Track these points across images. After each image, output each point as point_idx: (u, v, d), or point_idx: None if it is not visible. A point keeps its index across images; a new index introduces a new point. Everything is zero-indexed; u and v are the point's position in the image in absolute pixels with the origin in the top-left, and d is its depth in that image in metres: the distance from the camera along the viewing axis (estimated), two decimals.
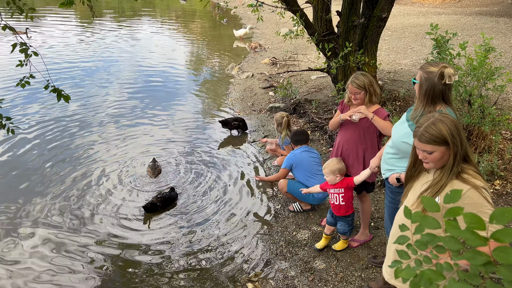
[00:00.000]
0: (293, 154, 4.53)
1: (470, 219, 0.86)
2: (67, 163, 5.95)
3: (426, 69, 2.57)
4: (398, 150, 2.77)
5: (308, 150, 4.53)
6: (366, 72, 3.59)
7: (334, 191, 3.73)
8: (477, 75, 4.70)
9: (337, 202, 3.72)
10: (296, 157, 4.48)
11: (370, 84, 3.47)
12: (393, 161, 2.84)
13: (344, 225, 3.80)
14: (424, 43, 10.94)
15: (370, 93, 3.49)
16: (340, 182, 3.68)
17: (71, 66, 11.12)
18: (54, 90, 3.43)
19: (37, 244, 4.28)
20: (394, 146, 2.80)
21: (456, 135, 2.03)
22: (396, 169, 2.82)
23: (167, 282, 3.74)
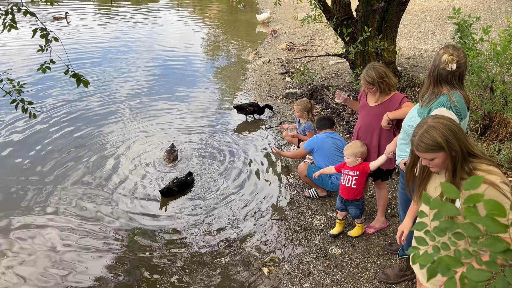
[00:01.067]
0: (316, 137, 4.52)
1: (490, 205, 0.85)
2: (86, 147, 6.06)
3: (438, 51, 2.61)
4: (407, 135, 2.77)
5: (332, 136, 4.49)
6: (378, 64, 3.50)
7: (348, 173, 3.73)
8: (500, 60, 4.56)
9: (348, 184, 3.73)
10: (319, 141, 4.46)
11: (380, 79, 3.41)
12: (403, 146, 2.86)
13: (354, 209, 3.82)
14: (445, 27, 10.65)
15: (380, 89, 3.46)
16: (357, 166, 3.68)
17: (89, 52, 11.23)
18: (73, 75, 3.48)
19: (54, 224, 4.41)
20: (403, 130, 2.83)
21: (452, 138, 1.95)
22: (406, 154, 2.79)
23: (182, 266, 3.81)
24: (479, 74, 4.59)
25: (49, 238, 4.22)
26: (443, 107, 2.51)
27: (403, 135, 2.84)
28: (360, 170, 3.67)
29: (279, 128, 6.54)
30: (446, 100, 2.53)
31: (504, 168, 4.44)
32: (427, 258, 1.00)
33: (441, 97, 2.57)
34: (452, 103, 2.52)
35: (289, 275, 3.61)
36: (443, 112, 2.46)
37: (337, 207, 3.95)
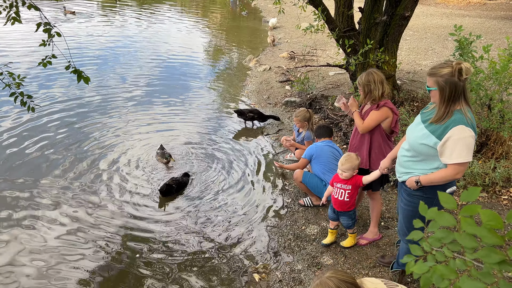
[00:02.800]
0: (315, 145, 4.53)
1: (487, 216, 0.86)
2: (84, 145, 6.04)
3: (441, 73, 2.50)
4: (416, 153, 2.71)
5: (331, 145, 4.51)
6: (376, 70, 3.54)
7: (341, 186, 3.70)
8: (499, 79, 4.61)
9: (341, 197, 3.70)
10: (318, 148, 4.47)
11: (367, 82, 3.47)
12: (410, 163, 2.79)
13: (346, 219, 3.81)
14: (445, 45, 10.76)
15: (365, 92, 3.52)
16: (350, 179, 3.66)
17: (92, 50, 11.24)
18: (74, 71, 3.48)
19: (52, 223, 4.38)
20: (412, 148, 2.74)
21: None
22: (415, 171, 2.76)
23: (175, 269, 3.79)
24: (477, 91, 4.63)
25: (37, 236, 4.19)
26: (461, 124, 2.45)
27: (412, 152, 2.75)
28: (353, 183, 3.65)
29: (277, 135, 6.55)
30: (462, 117, 2.49)
31: (498, 186, 4.47)
32: (422, 267, 1.00)
33: (456, 114, 2.50)
34: (468, 119, 2.49)
35: (280, 282, 3.59)
36: (462, 130, 2.44)
37: (329, 217, 3.93)
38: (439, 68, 2.53)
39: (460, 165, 2.51)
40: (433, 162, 2.66)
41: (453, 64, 2.48)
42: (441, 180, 2.62)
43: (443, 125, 2.52)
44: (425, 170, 2.70)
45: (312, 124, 5.27)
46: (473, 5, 18.30)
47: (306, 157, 4.53)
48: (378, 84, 3.45)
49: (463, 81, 2.48)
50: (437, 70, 2.53)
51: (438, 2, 19.59)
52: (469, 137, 2.45)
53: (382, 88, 3.47)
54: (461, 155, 2.47)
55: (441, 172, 2.61)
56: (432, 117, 2.63)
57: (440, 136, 2.52)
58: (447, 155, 2.51)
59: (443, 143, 2.51)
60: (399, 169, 2.91)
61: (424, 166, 2.71)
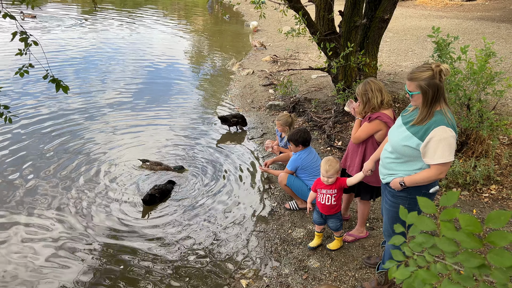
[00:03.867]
0: (300, 158, 4.50)
1: (466, 221, 0.86)
2: (66, 154, 5.94)
3: (422, 76, 2.52)
4: (399, 154, 2.73)
5: (310, 153, 4.53)
6: (373, 80, 3.54)
7: (327, 192, 3.69)
8: (477, 79, 4.70)
9: (328, 202, 3.69)
10: (302, 161, 4.48)
11: (364, 92, 3.46)
12: (394, 165, 2.81)
13: (335, 221, 3.81)
14: (425, 46, 10.94)
15: (363, 102, 3.51)
16: (335, 184, 3.67)
17: (71, 57, 11.08)
18: (53, 80, 3.41)
19: (33, 234, 4.28)
20: (395, 150, 2.76)
21: None
22: (398, 173, 2.79)
23: (158, 278, 3.74)
24: (456, 92, 4.71)
25: (22, 244, 4.09)
26: (442, 125, 2.49)
27: (395, 154, 2.76)
28: (338, 187, 3.67)
29: (261, 139, 6.55)
30: (443, 117, 2.53)
31: (479, 184, 4.55)
32: (404, 273, 1.00)
33: (436, 115, 2.54)
34: (449, 119, 2.53)
35: (267, 287, 3.58)
36: (444, 130, 2.47)
37: (315, 222, 3.92)
38: (420, 72, 2.54)
39: (443, 165, 2.55)
40: (416, 163, 2.69)
41: (433, 67, 2.51)
42: (425, 181, 2.66)
43: (425, 126, 2.55)
44: (408, 171, 2.74)
45: (294, 129, 5.27)
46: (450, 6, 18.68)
47: (290, 169, 4.55)
48: (376, 92, 3.42)
49: (442, 82, 2.53)
50: (418, 74, 2.55)
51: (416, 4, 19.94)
52: (450, 137, 2.49)
53: (381, 96, 3.43)
54: (443, 155, 2.51)
55: (425, 172, 2.64)
56: (413, 119, 2.66)
57: (422, 137, 2.55)
58: (430, 155, 2.55)
59: (426, 144, 2.54)
60: (383, 170, 2.94)
61: (408, 167, 2.74)
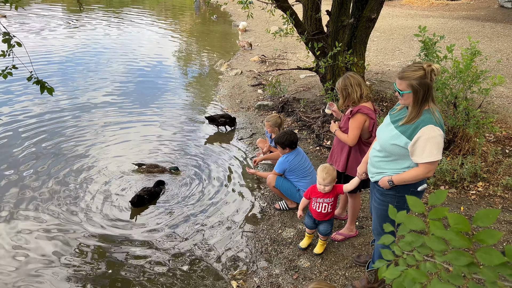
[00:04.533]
0: (287, 160, 4.49)
1: (454, 219, 0.86)
2: (54, 157, 5.85)
3: (414, 76, 2.51)
4: (388, 153, 2.75)
5: (298, 154, 4.51)
6: (352, 73, 3.59)
7: (323, 201, 3.61)
8: (463, 78, 4.75)
9: (324, 210, 3.63)
10: (290, 164, 4.47)
11: (344, 87, 3.52)
12: (382, 164, 2.82)
13: (327, 226, 3.75)
14: (411, 45, 11.04)
15: (343, 96, 3.57)
16: (331, 192, 3.59)
17: (56, 59, 10.93)
18: (37, 82, 3.35)
19: (23, 236, 4.20)
20: (383, 149, 2.77)
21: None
22: (387, 171, 2.80)
23: (148, 279, 3.70)
24: (443, 90, 4.75)
25: (11, 248, 4.01)
26: (430, 124, 2.50)
27: (384, 153, 2.77)
28: (335, 195, 3.61)
29: (251, 139, 6.54)
30: (431, 116, 2.54)
31: (466, 181, 4.60)
32: (393, 272, 1.00)
33: (424, 114, 2.55)
34: (437, 118, 2.54)
35: None
36: (432, 129, 2.49)
37: (307, 226, 3.84)
38: (412, 71, 2.54)
39: (431, 164, 2.57)
40: (405, 162, 2.70)
41: (425, 66, 2.51)
42: (413, 179, 2.67)
43: (413, 125, 2.57)
44: (396, 169, 2.75)
45: (283, 129, 5.26)
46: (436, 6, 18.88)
47: (278, 171, 4.54)
48: (356, 86, 3.49)
49: (433, 81, 2.54)
50: (409, 73, 2.54)
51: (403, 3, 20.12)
52: (438, 136, 2.51)
53: (360, 90, 3.50)
54: (431, 154, 2.52)
55: (413, 171, 2.65)
56: (401, 118, 2.67)
57: (410, 136, 2.56)
58: (418, 154, 2.56)
59: (414, 143, 2.55)
60: (371, 169, 2.95)
61: (396, 166, 2.75)
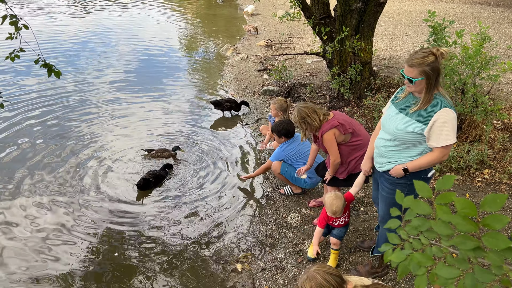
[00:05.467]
0: (283, 150, 4.52)
1: (461, 204, 0.87)
2: (60, 140, 5.90)
3: (426, 62, 2.46)
4: (402, 141, 2.69)
5: (295, 140, 4.52)
6: (303, 105, 3.65)
7: (340, 219, 3.44)
8: (472, 64, 4.69)
9: (342, 222, 3.47)
10: (286, 153, 4.50)
11: (301, 119, 3.59)
12: (393, 153, 2.77)
13: (342, 230, 3.53)
14: (420, 30, 10.88)
15: (303, 128, 3.66)
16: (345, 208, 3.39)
17: (63, 42, 10.91)
18: (44, 65, 3.35)
19: (31, 218, 4.27)
20: (396, 138, 2.71)
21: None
22: (398, 160, 2.75)
23: (154, 261, 3.76)
24: (451, 76, 4.70)
25: (18, 232, 4.09)
26: (445, 107, 2.49)
27: (397, 142, 2.72)
28: (348, 209, 3.47)
29: (256, 124, 6.54)
30: (443, 100, 2.52)
31: (472, 168, 4.58)
32: (399, 256, 1.01)
33: (436, 98, 2.53)
34: (449, 101, 2.53)
35: (262, 271, 3.61)
36: (447, 112, 2.47)
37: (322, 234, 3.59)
38: (422, 58, 2.48)
39: (447, 148, 2.55)
40: (417, 149, 2.67)
41: (435, 51, 2.48)
42: (429, 164, 2.65)
43: (427, 110, 2.53)
44: (408, 158, 2.71)
45: (288, 115, 5.23)
46: None
47: (276, 159, 4.56)
48: (313, 115, 3.56)
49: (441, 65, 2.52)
50: (420, 60, 2.49)
51: None
52: (453, 119, 2.50)
53: (317, 115, 3.57)
54: (448, 137, 2.51)
55: (428, 156, 2.63)
56: (411, 104, 2.64)
57: (425, 121, 2.53)
58: (435, 139, 2.54)
59: (430, 127, 2.52)
60: (379, 159, 2.89)
61: (408, 154, 2.71)
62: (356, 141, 3.63)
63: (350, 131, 3.57)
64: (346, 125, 3.55)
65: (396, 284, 3.32)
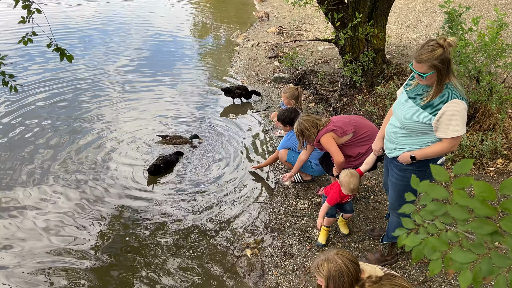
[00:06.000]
0: (289, 140, 4.53)
1: (480, 187, 0.85)
2: (72, 125, 5.95)
3: (435, 55, 2.40)
4: (410, 130, 2.69)
5: None
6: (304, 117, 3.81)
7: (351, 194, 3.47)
8: (488, 51, 4.59)
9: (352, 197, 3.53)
10: (292, 142, 4.51)
11: (300, 134, 3.79)
12: (403, 139, 2.76)
13: (351, 203, 3.66)
14: (434, 17, 10.67)
15: (300, 141, 3.87)
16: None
17: (75, 27, 10.94)
18: (57, 49, 3.37)
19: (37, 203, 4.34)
20: (404, 126, 2.70)
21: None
22: (407, 147, 2.74)
23: (165, 245, 3.80)
24: (466, 64, 4.61)
25: (31, 216, 4.16)
26: (454, 98, 2.44)
27: (406, 130, 2.71)
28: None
29: (266, 112, 6.52)
30: (454, 90, 2.47)
31: (485, 158, 4.52)
32: (414, 240, 1.00)
33: (446, 88, 2.48)
34: (460, 91, 2.47)
35: (271, 257, 3.63)
36: (457, 104, 2.42)
37: (330, 214, 3.59)
38: (430, 52, 2.43)
39: (456, 139, 2.52)
40: (427, 137, 2.65)
41: (442, 42, 2.42)
42: (437, 154, 2.63)
43: (436, 101, 2.49)
44: (417, 145, 2.70)
45: (300, 102, 5.19)
46: None
47: (283, 147, 4.59)
48: (311, 128, 3.74)
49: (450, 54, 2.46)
50: (429, 54, 2.43)
51: None
52: (462, 110, 2.45)
53: (315, 129, 3.74)
54: (457, 129, 2.47)
55: (437, 146, 2.60)
56: (421, 93, 2.60)
57: (434, 112, 2.49)
58: (443, 130, 2.51)
59: (438, 119, 2.48)
60: (389, 145, 2.89)
61: (417, 141, 2.70)
62: (361, 134, 3.73)
63: (350, 132, 3.69)
64: (343, 127, 3.69)
65: (406, 272, 3.32)
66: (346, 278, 2.11)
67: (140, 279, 3.47)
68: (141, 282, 3.44)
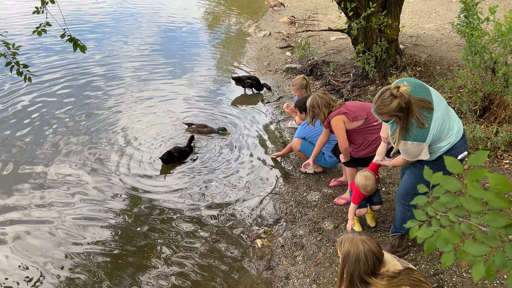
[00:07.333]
0: (304, 130, 4.53)
1: (495, 180, 0.84)
2: (86, 115, 6.02)
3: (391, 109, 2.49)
4: None
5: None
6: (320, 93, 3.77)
7: None
8: (505, 41, 4.49)
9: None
10: (306, 131, 4.52)
11: (311, 108, 3.75)
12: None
13: (379, 194, 3.67)
14: (450, 7, 10.46)
15: (310, 116, 3.83)
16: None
17: (88, 18, 11.01)
18: (70, 40, 3.39)
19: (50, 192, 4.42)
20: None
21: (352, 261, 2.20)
22: None
23: (176, 235, 3.84)
24: (482, 54, 4.53)
25: (45, 204, 4.24)
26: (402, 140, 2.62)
27: None
28: (377, 173, 3.53)
29: (278, 102, 6.50)
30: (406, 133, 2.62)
31: (500, 150, 4.45)
32: (426, 232, 0.99)
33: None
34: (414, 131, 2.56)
35: (282, 247, 3.65)
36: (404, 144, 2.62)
37: (361, 206, 3.63)
38: (388, 105, 2.49)
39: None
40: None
41: (395, 92, 2.47)
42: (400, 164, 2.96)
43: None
44: None
45: (310, 90, 5.18)
46: None
47: (298, 137, 4.59)
48: (323, 108, 3.68)
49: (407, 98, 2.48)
50: (387, 108, 2.50)
51: None
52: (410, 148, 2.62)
53: (327, 109, 3.70)
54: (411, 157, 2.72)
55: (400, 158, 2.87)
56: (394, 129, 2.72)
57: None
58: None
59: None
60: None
61: None
62: (372, 122, 3.68)
63: (362, 118, 3.65)
64: (355, 112, 3.65)
65: (417, 264, 3.30)
66: (361, 266, 2.11)
67: (154, 265, 3.52)
68: (154, 267, 3.49)
